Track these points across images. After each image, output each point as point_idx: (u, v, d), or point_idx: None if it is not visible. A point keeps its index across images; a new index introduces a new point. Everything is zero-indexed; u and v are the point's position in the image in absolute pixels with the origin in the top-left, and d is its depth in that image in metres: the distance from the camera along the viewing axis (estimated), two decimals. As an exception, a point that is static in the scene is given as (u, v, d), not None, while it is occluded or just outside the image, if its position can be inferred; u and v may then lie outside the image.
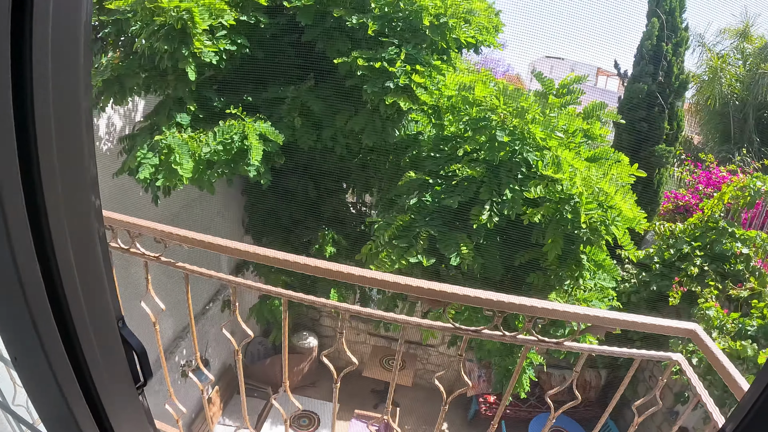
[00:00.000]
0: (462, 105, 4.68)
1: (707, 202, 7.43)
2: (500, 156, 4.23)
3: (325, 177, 6.20)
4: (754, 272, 6.69)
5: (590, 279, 4.55)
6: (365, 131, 4.90)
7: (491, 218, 4.13)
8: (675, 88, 7.79)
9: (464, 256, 4.18)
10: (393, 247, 4.37)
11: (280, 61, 5.38)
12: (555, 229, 4.18)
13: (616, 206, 4.20)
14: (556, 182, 4.20)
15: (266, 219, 6.95)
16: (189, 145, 4.67)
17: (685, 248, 7.02)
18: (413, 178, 4.54)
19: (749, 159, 9.71)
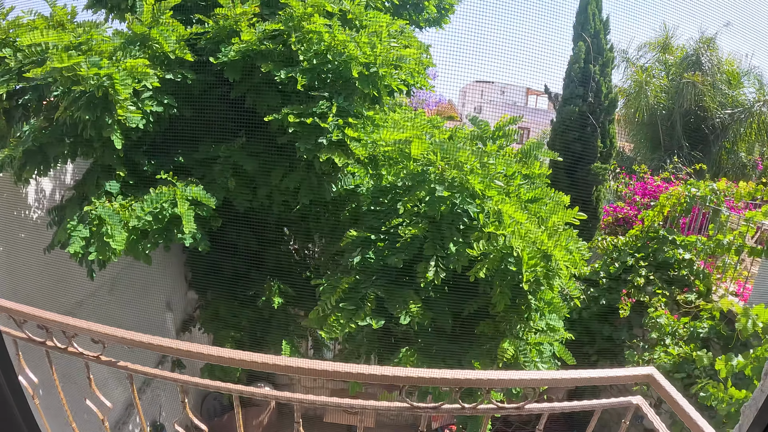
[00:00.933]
0: (399, 157, 4.61)
1: (646, 213, 7.66)
2: (441, 210, 4.17)
3: (266, 228, 6.01)
4: (698, 275, 6.91)
5: (540, 320, 4.55)
6: (301, 189, 4.75)
7: (437, 274, 4.06)
8: (605, 107, 8.04)
9: (413, 314, 4.10)
10: (341, 311, 4.23)
11: (211, 118, 5.18)
12: (501, 281, 4.16)
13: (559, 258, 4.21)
14: (498, 237, 4.19)
15: (209, 273, 6.69)
16: (120, 215, 4.42)
17: (629, 260, 7.20)
18: (355, 237, 4.42)
19: (680, 165, 10.13)
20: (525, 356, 4.34)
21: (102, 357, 1.99)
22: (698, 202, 7.62)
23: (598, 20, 8.18)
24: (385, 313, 4.27)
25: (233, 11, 4.58)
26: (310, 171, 4.72)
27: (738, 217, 7.80)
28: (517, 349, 4.25)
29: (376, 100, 4.79)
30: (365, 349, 4.75)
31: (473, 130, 5.09)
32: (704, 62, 11.89)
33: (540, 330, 4.51)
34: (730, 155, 12.62)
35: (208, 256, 6.56)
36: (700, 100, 11.70)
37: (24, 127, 4.63)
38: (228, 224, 5.85)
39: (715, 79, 11.87)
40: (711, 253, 6.89)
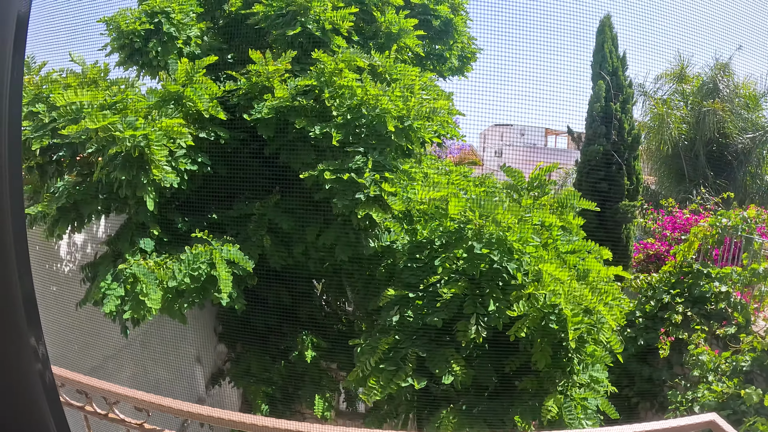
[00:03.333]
0: (435, 214, 4.60)
1: (678, 248, 7.54)
2: (481, 267, 4.14)
3: (298, 282, 5.99)
4: (736, 307, 6.75)
5: (582, 373, 4.44)
6: (338, 245, 4.75)
7: (479, 333, 4.01)
8: (629, 144, 8.03)
9: (456, 374, 4.03)
10: (380, 371, 4.17)
11: (244, 175, 5.24)
12: (542, 339, 4.10)
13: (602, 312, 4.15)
14: (538, 296, 4.14)
15: (240, 327, 6.65)
16: (156, 274, 4.43)
17: (665, 298, 7.05)
18: (393, 296, 4.39)
19: (707, 195, 10.01)
20: (569, 413, 4.22)
21: (146, 425, 1.94)
22: (730, 232, 7.51)
23: (615, 57, 8.24)
24: (425, 373, 4.21)
25: (265, 68, 4.65)
26: (347, 227, 4.72)
27: (772, 242, 7.68)
28: (561, 407, 4.14)
29: (409, 153, 4.81)
30: (404, 408, 4.65)
31: (505, 182, 5.08)
32: (722, 88, 11.86)
33: (584, 384, 4.39)
34: (756, 179, 12.47)
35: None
36: (721, 127, 11.64)
37: (57, 183, 4.70)
38: (261, 280, 5.86)
39: (733, 104, 11.82)
40: (747, 283, 6.76)
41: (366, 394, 4.16)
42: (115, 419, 1.94)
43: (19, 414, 0.74)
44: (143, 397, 1.84)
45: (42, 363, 0.77)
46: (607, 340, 4.23)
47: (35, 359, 0.74)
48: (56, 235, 4.69)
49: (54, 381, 0.80)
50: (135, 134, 3.99)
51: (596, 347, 4.41)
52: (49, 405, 0.78)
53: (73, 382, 1.89)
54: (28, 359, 0.74)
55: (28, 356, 0.74)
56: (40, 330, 0.79)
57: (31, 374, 0.74)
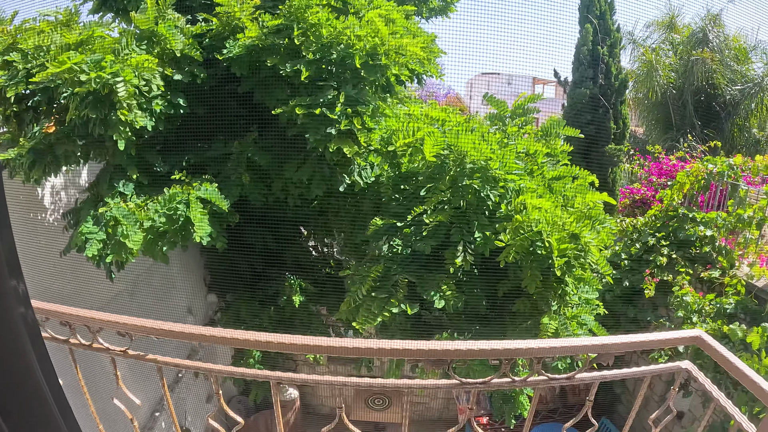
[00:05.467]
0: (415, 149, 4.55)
1: (664, 193, 7.57)
2: (468, 198, 4.12)
3: (283, 226, 5.97)
4: (720, 251, 6.81)
5: (574, 294, 4.49)
6: (313, 181, 4.70)
7: (466, 259, 4.00)
8: (616, 89, 7.97)
9: (447, 297, 4.04)
10: (372, 300, 4.18)
11: (222, 114, 5.14)
12: (530, 264, 4.10)
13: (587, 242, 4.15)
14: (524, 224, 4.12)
15: (228, 275, 6.66)
16: (136, 215, 4.38)
17: (650, 240, 7.11)
18: (380, 225, 4.37)
19: (695, 143, 10.02)
20: (567, 330, 4.28)
21: (129, 351, 1.90)
22: (716, 178, 7.52)
23: (603, 1, 8.11)
24: (417, 299, 4.22)
25: (233, 7, 4.54)
26: (322, 162, 4.67)
27: (756, 192, 7.70)
28: (558, 324, 4.20)
29: (387, 89, 4.73)
30: (398, 337, 4.67)
31: (489, 113, 5.02)
32: (711, 39, 11.77)
33: (576, 304, 4.44)
34: (743, 132, 12.51)
35: (226, 258, 6.55)
36: (709, 78, 11.59)
37: (34, 128, 4.61)
38: (245, 224, 5.83)
39: (723, 55, 11.75)
40: (732, 228, 6.80)
41: (359, 324, 4.18)
42: (99, 348, 1.90)
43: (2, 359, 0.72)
44: (125, 320, 1.80)
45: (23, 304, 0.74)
46: (595, 263, 4.25)
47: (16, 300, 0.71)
48: (33, 180, 4.59)
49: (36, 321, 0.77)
50: (101, 74, 3.89)
51: (584, 272, 4.44)
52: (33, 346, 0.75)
53: (57, 314, 1.84)
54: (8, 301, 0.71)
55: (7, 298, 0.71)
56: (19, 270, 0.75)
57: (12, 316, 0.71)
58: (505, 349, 1.65)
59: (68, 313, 1.78)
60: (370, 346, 1.66)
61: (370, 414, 8.22)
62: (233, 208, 4.83)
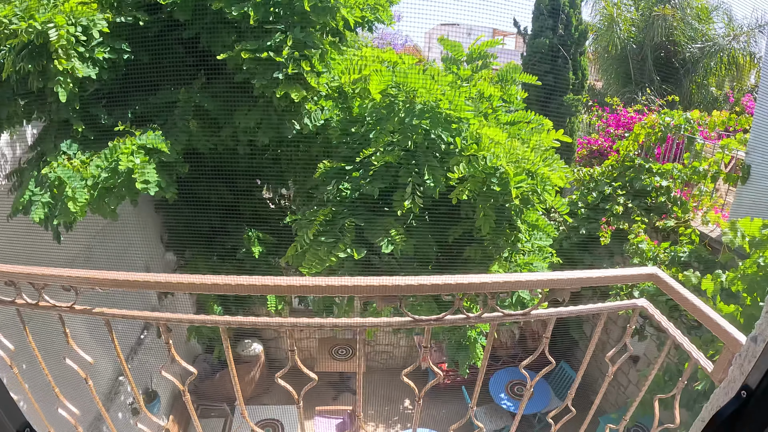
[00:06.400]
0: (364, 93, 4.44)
1: (621, 143, 7.65)
2: (415, 139, 4.06)
3: (238, 177, 5.84)
4: (676, 202, 6.96)
5: (527, 241, 4.51)
6: (261, 127, 4.55)
7: (415, 202, 3.97)
8: (575, 39, 7.94)
9: (396, 242, 4.01)
10: (319, 245, 4.13)
11: (169, 62, 4.93)
12: (484, 203, 4.06)
13: (544, 174, 4.14)
14: (478, 158, 4.07)
15: (185, 232, 6.53)
16: (82, 174, 4.22)
17: (606, 189, 7.20)
18: (328, 168, 4.29)
19: (653, 97, 10.13)
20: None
21: (76, 306, 1.82)
22: (673, 130, 7.63)
23: (564, -50, 8.01)
24: (365, 244, 4.18)
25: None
26: (270, 108, 4.53)
27: (712, 146, 7.85)
28: (507, 272, 4.22)
29: (337, 33, 4.60)
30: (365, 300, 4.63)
31: (443, 55, 4.93)
32: (673, -5, 11.83)
33: (528, 251, 4.47)
34: (701, 89, 12.69)
35: (182, 214, 6.41)
36: (670, 35, 11.67)
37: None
38: (200, 178, 5.69)
39: (684, 13, 11.83)
40: (687, 180, 6.93)
41: (306, 269, 4.14)
42: (45, 306, 1.80)
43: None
44: (68, 273, 1.70)
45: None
46: (552, 202, 4.26)
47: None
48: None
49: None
50: (32, 23, 3.69)
51: (539, 216, 4.46)
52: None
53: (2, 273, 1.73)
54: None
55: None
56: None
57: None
58: (458, 283, 1.60)
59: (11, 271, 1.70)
60: (318, 283, 1.58)
61: (334, 365, 8.32)
62: (184, 159, 4.70)
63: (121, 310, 1.84)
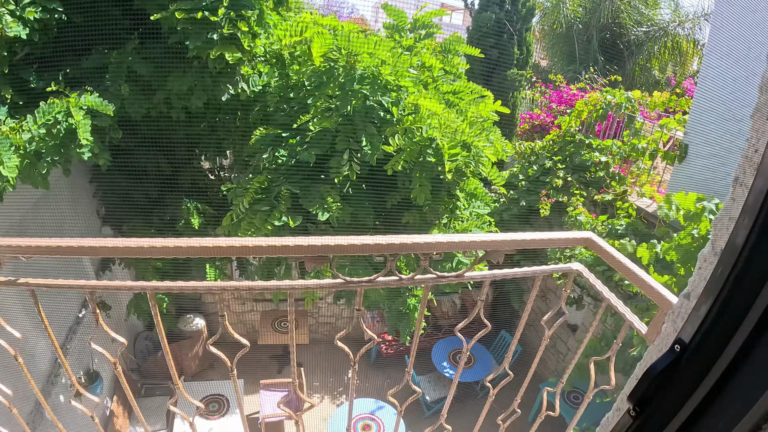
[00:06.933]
0: (305, 57, 4.36)
1: (563, 119, 7.83)
2: (354, 104, 4.02)
3: (176, 147, 5.66)
4: (614, 177, 7.19)
5: (465, 209, 4.56)
6: (194, 91, 4.41)
7: (352, 169, 3.95)
8: (522, 15, 8.01)
9: (332, 210, 3.99)
10: (255, 213, 4.06)
11: (102, 23, 4.71)
12: (420, 172, 4.06)
13: (480, 146, 4.16)
14: (415, 130, 4.06)
15: (122, 205, 6.31)
16: (11, 139, 4.02)
17: (547, 163, 7.38)
18: (264, 135, 4.21)
19: (596, 76, 10.38)
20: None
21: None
22: (614, 108, 7.84)
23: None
24: (301, 212, 4.15)
25: None
26: (204, 72, 4.39)
27: (651, 126, 8.12)
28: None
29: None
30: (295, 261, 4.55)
31: (386, 22, 4.88)
32: (622, -21, 12.06)
33: (467, 218, 4.51)
34: (644, 72, 13.08)
35: (118, 186, 6.19)
36: (616, 17, 11.94)
37: None
38: (136, 148, 5.50)
39: (631, -3, 12.11)
40: (626, 156, 7.15)
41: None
42: None
43: None
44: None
45: None
46: (487, 174, 4.31)
47: None
48: None
49: None
50: None
51: (478, 185, 4.50)
52: None
53: None
54: None
55: None
56: None
57: None
58: (389, 243, 1.57)
59: None
60: (245, 244, 1.55)
61: (277, 337, 8.28)
62: (118, 126, 4.53)
63: (45, 280, 1.76)
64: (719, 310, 0.73)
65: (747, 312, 0.67)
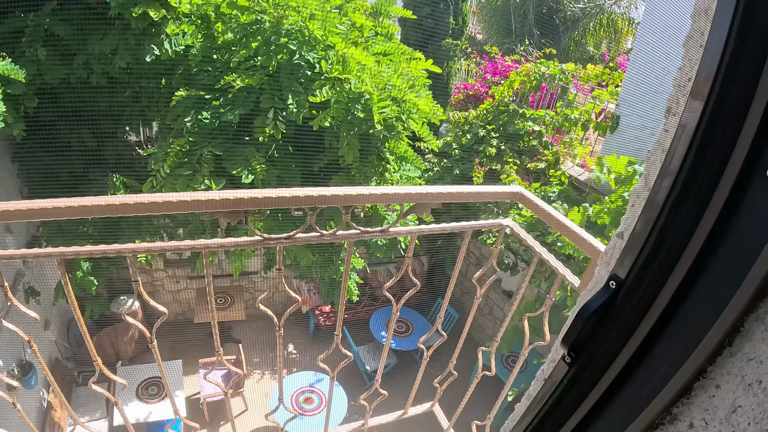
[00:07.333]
0: (230, 11, 4.25)
1: (497, 89, 7.95)
2: (279, 59, 3.93)
3: (100, 119, 5.44)
4: (547, 146, 7.38)
5: (396, 172, 4.58)
6: (117, 51, 4.23)
7: (277, 128, 3.89)
8: (459, -15, 8.04)
9: (256, 172, 3.95)
10: (176, 178, 3.95)
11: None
12: (348, 130, 4.02)
13: (410, 101, 4.16)
14: (343, 82, 4.02)
15: (45, 183, 6.04)
16: None
17: (480, 132, 7.47)
18: (185, 96, 4.10)
19: (531, 49, 10.60)
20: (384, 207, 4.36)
21: None
22: (548, 80, 8.00)
23: None
24: (225, 175, 4.08)
25: None
26: (127, 32, 4.23)
27: (584, 98, 8.34)
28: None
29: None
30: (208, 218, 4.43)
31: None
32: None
33: (397, 181, 4.53)
34: (579, 47, 13.39)
35: (41, 163, 5.91)
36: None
37: None
38: (58, 121, 5.27)
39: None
40: (559, 126, 7.33)
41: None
42: None
43: None
44: None
45: None
46: (419, 132, 4.32)
47: None
48: None
49: None
50: None
51: (407, 147, 4.52)
52: None
53: None
54: None
55: None
56: None
57: None
58: (308, 196, 1.48)
59: None
60: (154, 200, 1.45)
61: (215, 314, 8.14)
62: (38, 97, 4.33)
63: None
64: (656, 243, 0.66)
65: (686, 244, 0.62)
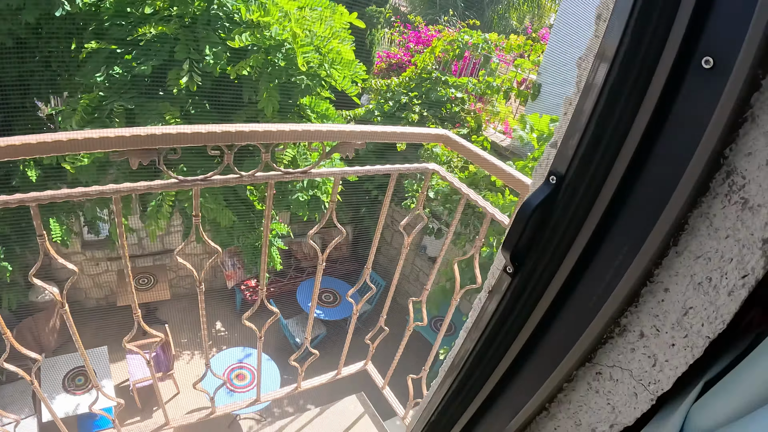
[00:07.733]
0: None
1: (419, 57, 8.06)
2: (195, 6, 3.81)
3: (7, 90, 5.04)
4: (469, 113, 7.58)
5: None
6: (26, 5, 3.94)
7: (192, 80, 3.79)
8: (382, -50, 8.00)
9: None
10: (86, 134, 3.79)
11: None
12: (268, 81, 3.93)
13: (333, 49, 4.13)
14: (264, 28, 3.91)
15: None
16: None
17: (403, 99, 7.53)
18: (96, 50, 3.91)
19: (455, 20, 10.79)
20: (306, 160, 4.33)
21: None
22: (471, 48, 8.15)
23: None
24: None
25: None
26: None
27: (507, 68, 8.59)
28: (297, 153, 4.22)
29: None
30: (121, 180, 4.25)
31: None
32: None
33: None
34: (502, 21, 13.75)
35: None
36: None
37: None
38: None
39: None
40: (481, 94, 7.52)
41: (68, 163, 3.83)
42: None
43: None
44: None
45: None
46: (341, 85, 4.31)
47: None
48: None
49: None
50: None
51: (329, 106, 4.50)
52: None
53: None
54: None
55: None
56: None
57: None
58: (225, 132, 1.40)
59: None
60: (59, 138, 1.32)
61: (138, 296, 7.84)
62: None
63: None
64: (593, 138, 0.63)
65: (624, 138, 0.59)
